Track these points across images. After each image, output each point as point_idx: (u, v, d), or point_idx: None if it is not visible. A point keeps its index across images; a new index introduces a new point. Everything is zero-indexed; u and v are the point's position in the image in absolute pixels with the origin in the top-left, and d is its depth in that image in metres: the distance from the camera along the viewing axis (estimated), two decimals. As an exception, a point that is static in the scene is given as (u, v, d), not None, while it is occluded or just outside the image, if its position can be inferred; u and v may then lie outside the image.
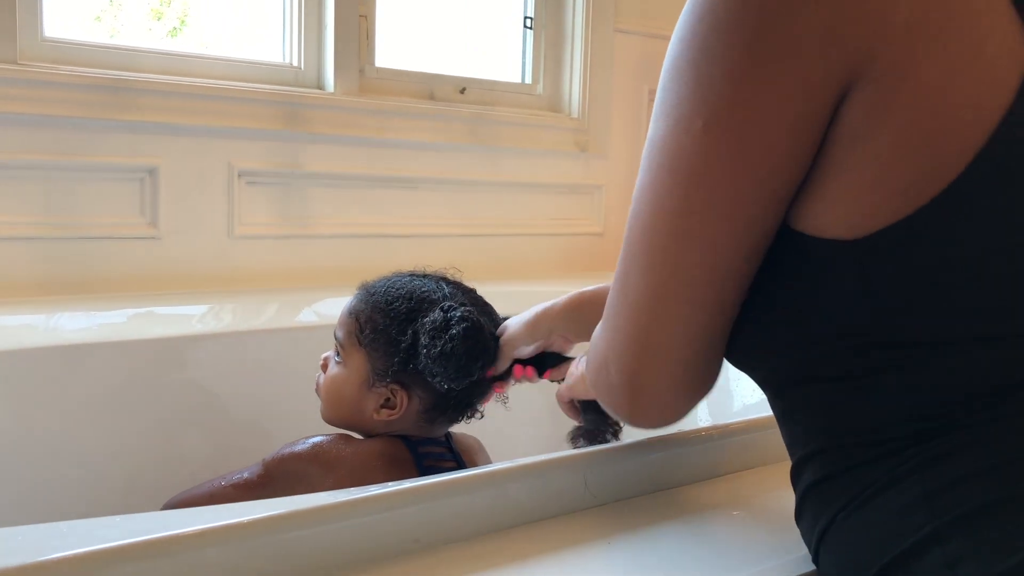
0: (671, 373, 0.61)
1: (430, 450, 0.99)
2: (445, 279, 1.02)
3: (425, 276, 1.02)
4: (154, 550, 0.55)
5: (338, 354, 1.01)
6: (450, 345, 0.91)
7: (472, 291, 1.03)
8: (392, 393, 0.97)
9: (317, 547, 0.61)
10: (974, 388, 0.53)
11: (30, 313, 1.28)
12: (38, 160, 1.37)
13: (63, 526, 0.58)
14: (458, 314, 0.92)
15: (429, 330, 0.93)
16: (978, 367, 0.53)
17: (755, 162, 0.55)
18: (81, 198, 1.41)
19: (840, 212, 0.54)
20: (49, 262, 1.39)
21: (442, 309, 0.93)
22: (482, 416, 1.04)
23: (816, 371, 0.58)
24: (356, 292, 1.02)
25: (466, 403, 1.00)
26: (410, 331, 0.95)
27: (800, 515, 0.64)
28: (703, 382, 0.64)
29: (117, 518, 0.60)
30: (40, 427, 1.17)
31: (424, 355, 0.93)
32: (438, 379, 0.93)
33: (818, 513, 0.60)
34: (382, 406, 0.98)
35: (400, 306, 0.97)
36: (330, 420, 1.02)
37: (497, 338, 0.96)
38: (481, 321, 0.94)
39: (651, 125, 0.59)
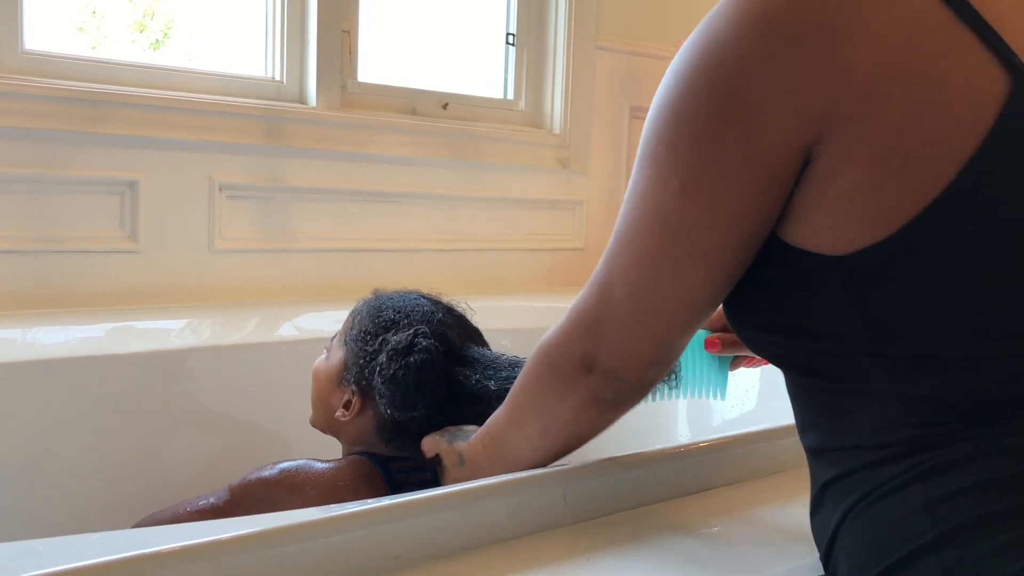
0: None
1: (400, 464, 0.96)
2: (451, 310, 1.01)
3: (434, 300, 1.01)
4: (130, 568, 0.54)
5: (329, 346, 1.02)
6: (402, 372, 0.90)
7: (469, 329, 1.00)
8: (352, 395, 0.97)
9: (297, 564, 0.61)
10: (972, 401, 0.56)
11: (7, 327, 1.27)
12: (17, 173, 1.36)
13: (38, 544, 0.57)
14: (423, 343, 0.91)
15: (390, 350, 0.92)
16: (972, 382, 0.56)
17: (727, 216, 0.60)
18: (60, 211, 1.40)
19: (824, 235, 0.58)
20: (27, 275, 1.38)
21: (414, 333, 0.92)
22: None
23: (818, 371, 0.62)
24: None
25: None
26: (379, 341, 0.95)
27: (816, 510, 0.65)
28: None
29: (95, 535, 0.59)
30: (16, 443, 1.16)
31: (378, 373, 0.93)
32: (383, 401, 0.92)
33: (833, 509, 0.62)
34: (343, 405, 0.97)
35: (387, 316, 0.97)
36: (312, 409, 1.02)
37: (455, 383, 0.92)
38: (440, 361, 0.91)
39: (634, 174, 0.64)
